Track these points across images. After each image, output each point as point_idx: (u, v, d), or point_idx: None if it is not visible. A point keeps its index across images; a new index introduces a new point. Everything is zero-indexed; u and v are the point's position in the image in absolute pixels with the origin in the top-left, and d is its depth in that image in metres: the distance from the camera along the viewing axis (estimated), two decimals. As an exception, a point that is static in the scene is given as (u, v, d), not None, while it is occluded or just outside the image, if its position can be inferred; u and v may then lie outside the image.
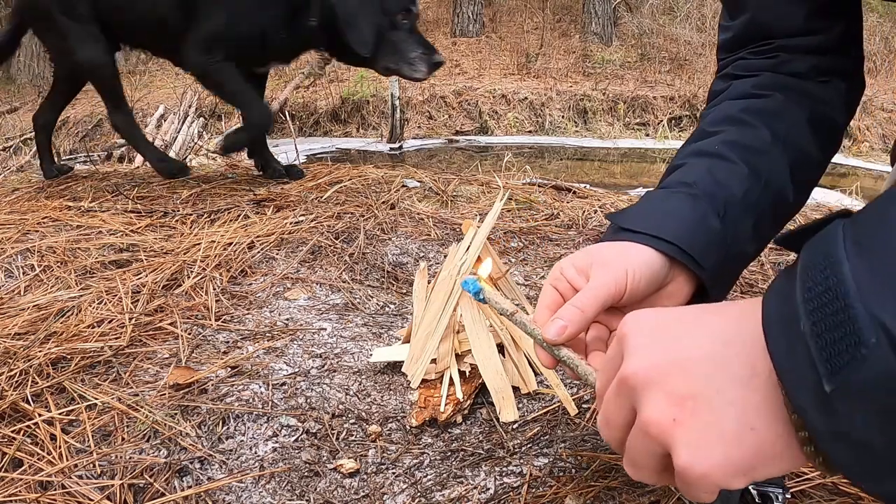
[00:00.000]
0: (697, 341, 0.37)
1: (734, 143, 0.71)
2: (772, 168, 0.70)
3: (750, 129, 0.72)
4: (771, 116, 0.73)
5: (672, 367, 0.37)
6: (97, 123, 8.45)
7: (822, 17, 0.76)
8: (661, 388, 0.36)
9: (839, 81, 0.78)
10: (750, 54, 0.81)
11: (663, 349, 0.38)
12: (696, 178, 0.67)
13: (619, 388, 0.39)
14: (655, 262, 0.60)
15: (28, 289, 1.44)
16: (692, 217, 0.63)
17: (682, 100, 9.06)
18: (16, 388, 1.06)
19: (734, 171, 0.68)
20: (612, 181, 7.00)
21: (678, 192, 0.66)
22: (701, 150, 0.72)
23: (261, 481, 0.91)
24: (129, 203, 2.03)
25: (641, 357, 0.38)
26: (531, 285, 1.54)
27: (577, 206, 2.10)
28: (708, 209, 0.64)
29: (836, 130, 0.79)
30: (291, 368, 1.17)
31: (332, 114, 8.90)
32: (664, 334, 0.39)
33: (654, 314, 0.42)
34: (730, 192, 0.66)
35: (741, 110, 0.75)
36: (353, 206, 1.97)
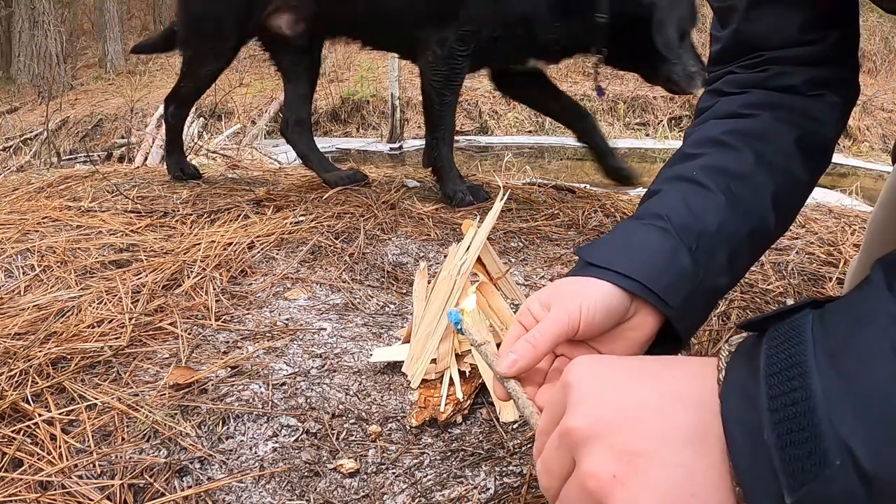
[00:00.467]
0: (647, 396, 0.37)
1: (714, 168, 0.69)
2: (753, 195, 0.68)
3: (732, 153, 0.70)
4: (756, 138, 0.71)
5: (619, 421, 0.36)
6: (97, 123, 8.45)
7: (818, 25, 0.73)
8: (605, 443, 0.35)
9: (833, 94, 0.75)
10: (739, 68, 0.78)
11: (610, 402, 0.37)
12: (668, 210, 0.65)
13: (561, 439, 0.38)
14: (613, 297, 0.59)
15: (28, 289, 1.44)
16: (660, 253, 0.61)
17: (682, 100, 9.06)
18: (16, 388, 1.06)
19: (710, 200, 0.66)
20: (612, 181, 6.99)
21: (649, 225, 0.64)
22: (679, 175, 0.70)
23: (261, 481, 0.91)
24: (129, 203, 2.03)
25: (586, 410, 0.37)
26: (531, 285, 1.54)
27: (577, 206, 2.10)
28: (678, 245, 0.62)
29: (825, 148, 0.76)
30: (291, 368, 1.17)
31: (332, 114, 8.91)
32: (612, 386, 0.38)
33: (603, 363, 0.41)
34: (704, 224, 0.64)
35: (725, 132, 0.72)
36: (353, 206, 1.97)
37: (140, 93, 8.70)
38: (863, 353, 0.30)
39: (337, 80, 9.62)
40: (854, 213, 2.13)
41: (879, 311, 0.31)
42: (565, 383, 0.41)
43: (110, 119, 8.46)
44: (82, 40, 13.44)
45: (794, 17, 0.73)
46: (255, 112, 8.33)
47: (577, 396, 0.39)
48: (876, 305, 0.31)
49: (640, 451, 0.34)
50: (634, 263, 0.60)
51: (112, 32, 11.75)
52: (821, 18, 0.72)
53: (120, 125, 8.12)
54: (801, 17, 0.72)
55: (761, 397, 0.31)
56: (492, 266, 1.27)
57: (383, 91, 8.71)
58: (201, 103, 7.44)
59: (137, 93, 8.51)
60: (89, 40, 13.40)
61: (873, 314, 0.31)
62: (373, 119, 8.88)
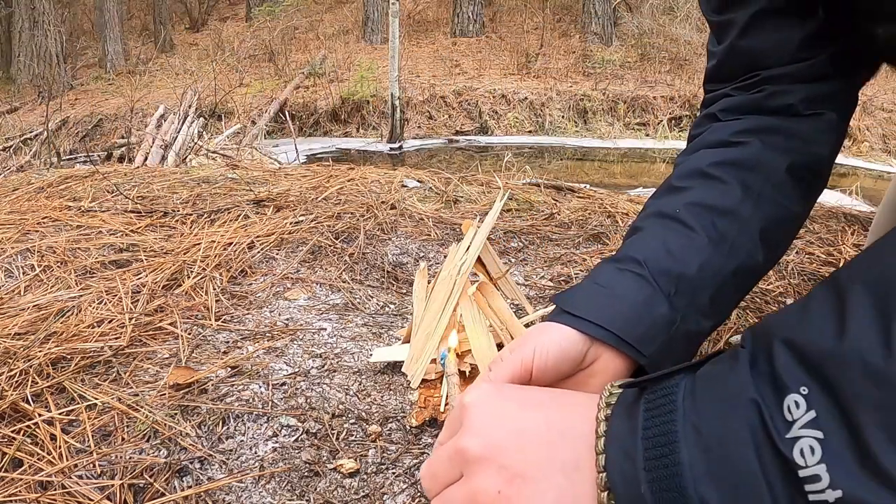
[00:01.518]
0: (534, 426, 0.41)
1: (698, 204, 0.67)
2: (739, 231, 0.66)
3: (719, 186, 0.68)
4: (745, 169, 0.69)
5: (507, 445, 0.40)
6: (97, 123, 8.45)
7: (817, 41, 0.70)
8: (495, 463, 0.40)
9: (831, 111, 0.72)
10: (735, 90, 0.75)
11: (501, 428, 0.41)
12: (647, 255, 0.64)
13: (454, 456, 0.42)
14: (569, 342, 0.58)
15: (28, 289, 1.44)
16: (635, 301, 0.61)
17: (682, 100, 9.06)
18: (16, 388, 1.06)
19: (692, 240, 0.65)
20: (612, 181, 7.00)
21: (625, 271, 0.63)
22: (662, 212, 0.69)
23: (261, 481, 0.91)
24: (129, 203, 2.03)
25: (479, 433, 0.41)
26: (531, 285, 1.54)
27: (577, 206, 2.10)
28: (654, 292, 0.61)
29: (819, 171, 0.74)
30: (291, 368, 1.17)
31: (332, 114, 8.91)
32: (504, 414, 0.42)
33: (499, 391, 0.45)
34: (684, 266, 0.63)
35: (712, 164, 0.70)
36: (353, 206, 1.97)
37: (140, 93, 8.70)
38: (723, 436, 0.34)
39: (337, 80, 9.62)
40: (854, 213, 2.13)
41: (741, 395, 0.35)
42: (462, 405, 0.45)
43: (110, 119, 8.46)
44: (82, 40, 13.44)
45: (793, 32, 0.70)
46: (255, 112, 8.33)
47: (472, 419, 0.43)
48: (738, 389, 0.35)
49: (523, 473, 0.39)
50: (608, 311, 0.59)
51: (112, 32, 11.75)
52: (821, 33, 0.70)
53: (120, 125, 8.12)
54: (802, 32, 0.70)
55: (639, 457, 0.36)
56: (492, 266, 1.27)
57: (383, 91, 8.71)
58: (201, 103, 7.44)
59: (137, 93, 8.51)
60: (89, 40, 13.41)
61: (734, 398, 0.35)
62: (373, 119, 8.88)
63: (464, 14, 11.72)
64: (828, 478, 0.31)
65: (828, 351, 0.33)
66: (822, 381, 0.33)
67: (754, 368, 0.35)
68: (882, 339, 0.31)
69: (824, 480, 0.31)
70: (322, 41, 11.61)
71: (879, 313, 0.32)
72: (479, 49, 11.20)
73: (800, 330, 0.35)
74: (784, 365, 0.34)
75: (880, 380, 0.31)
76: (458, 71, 10.27)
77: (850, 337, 0.32)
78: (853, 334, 0.32)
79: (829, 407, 0.32)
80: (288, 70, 10.24)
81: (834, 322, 0.34)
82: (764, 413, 0.34)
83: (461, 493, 0.41)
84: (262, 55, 11.08)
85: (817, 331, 0.34)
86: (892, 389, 0.30)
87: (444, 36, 11.98)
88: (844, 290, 0.35)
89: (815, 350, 0.33)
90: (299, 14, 12.81)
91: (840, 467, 0.31)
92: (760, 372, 0.35)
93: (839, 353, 0.32)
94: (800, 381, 0.33)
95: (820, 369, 0.33)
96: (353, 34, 12.12)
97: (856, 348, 0.32)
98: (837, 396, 0.32)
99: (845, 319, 0.33)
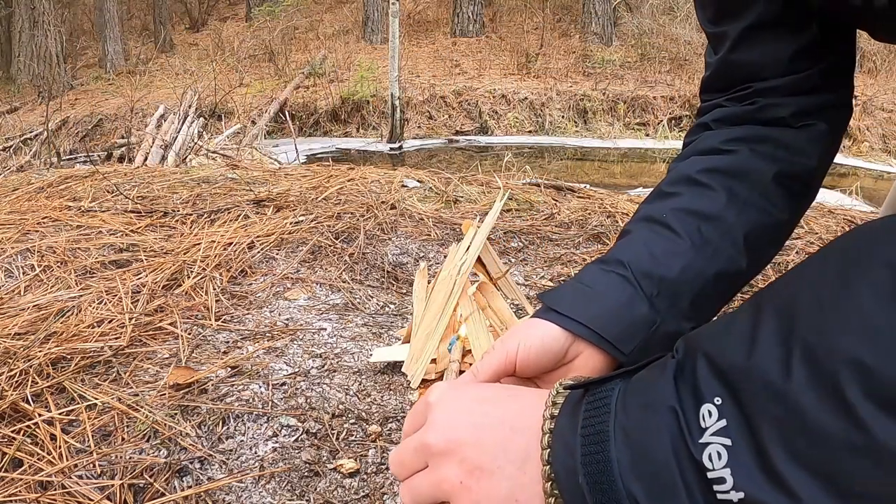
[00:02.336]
0: (490, 421, 0.46)
1: (684, 210, 0.70)
2: (722, 236, 0.69)
3: (705, 192, 0.71)
4: (731, 176, 0.72)
5: (465, 440, 0.46)
6: (97, 123, 8.45)
7: (810, 54, 0.72)
8: (456, 457, 0.46)
9: (822, 122, 0.74)
10: (729, 101, 0.77)
11: (461, 424, 0.47)
12: (631, 257, 0.67)
13: (420, 449, 0.48)
14: (552, 338, 0.61)
15: (28, 289, 1.44)
16: (617, 300, 0.64)
17: (682, 100, 9.06)
18: (16, 388, 1.06)
19: (676, 245, 0.68)
20: (612, 181, 7.00)
21: (609, 272, 0.67)
22: (651, 216, 0.72)
23: (261, 481, 0.91)
24: (129, 203, 2.03)
25: (442, 429, 0.47)
26: (531, 285, 1.54)
27: (577, 206, 2.10)
28: (636, 292, 0.64)
29: (808, 182, 0.75)
30: (291, 368, 1.17)
31: (332, 114, 8.91)
32: (463, 411, 0.48)
33: (460, 390, 0.50)
34: (666, 270, 0.66)
35: (701, 170, 0.73)
36: (353, 206, 1.97)
37: (140, 93, 8.70)
38: (646, 437, 0.39)
39: (337, 80, 9.62)
40: (854, 212, 2.13)
41: (663, 403, 0.39)
42: (427, 402, 0.50)
43: (110, 119, 8.46)
44: (82, 40, 13.44)
45: (786, 45, 0.71)
46: (255, 112, 8.33)
47: (435, 416, 0.48)
48: (661, 396, 0.40)
49: (481, 465, 0.45)
50: (590, 310, 0.63)
51: (112, 32, 11.75)
52: (814, 46, 0.71)
53: (120, 125, 8.12)
54: (793, 45, 0.71)
55: (577, 452, 0.41)
56: (492, 266, 1.27)
57: (383, 91, 8.71)
58: (201, 103, 7.45)
59: (137, 93, 8.51)
60: (89, 40, 13.41)
61: (657, 405, 0.40)
62: (373, 119, 8.88)
63: (464, 14, 11.72)
64: (732, 481, 0.35)
65: (739, 367, 0.37)
66: (733, 393, 0.37)
67: (679, 377, 0.40)
68: (782, 362, 0.35)
69: (729, 483, 0.35)
70: (322, 41, 11.61)
71: (782, 338, 0.36)
72: (479, 49, 11.20)
73: (720, 345, 0.39)
74: (703, 376, 0.38)
75: (779, 398, 0.35)
76: (458, 71, 10.27)
77: (757, 356, 0.37)
78: (760, 354, 0.37)
79: (737, 417, 0.36)
80: (288, 70, 10.24)
81: (747, 341, 0.38)
82: (681, 420, 0.38)
83: (427, 482, 0.47)
84: (262, 55, 11.08)
85: (733, 347, 0.38)
86: (788, 407, 0.34)
87: (444, 36, 11.98)
88: (760, 311, 0.39)
89: (729, 365, 0.38)
90: (299, 14, 12.81)
91: (743, 472, 0.35)
92: (685, 380, 0.39)
93: (747, 370, 0.37)
94: (715, 392, 0.38)
95: (732, 383, 0.37)
96: (353, 34, 12.12)
97: (760, 367, 0.36)
98: (745, 409, 0.36)
99: (756, 340, 0.37)
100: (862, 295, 0.34)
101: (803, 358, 0.35)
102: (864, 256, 0.35)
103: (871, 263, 0.34)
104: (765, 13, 0.71)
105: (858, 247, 0.36)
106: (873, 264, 0.34)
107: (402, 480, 0.50)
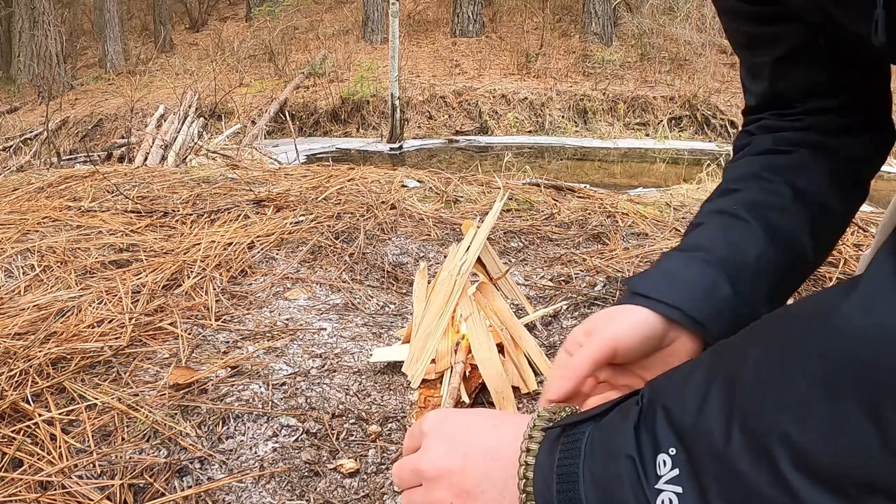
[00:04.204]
0: (474, 451, 0.52)
1: (753, 202, 0.73)
2: (791, 227, 0.72)
3: (770, 187, 0.74)
4: (791, 172, 0.75)
5: (453, 468, 0.52)
6: (97, 123, 8.45)
7: (846, 76, 0.75)
8: (447, 481, 0.52)
9: (866, 135, 0.78)
10: (773, 117, 0.81)
11: (450, 455, 0.53)
12: (711, 243, 0.71)
13: (414, 473, 0.54)
14: (651, 324, 0.64)
15: (28, 289, 1.44)
16: (702, 283, 0.67)
17: (682, 100, 9.06)
18: (16, 388, 1.06)
19: (750, 233, 0.71)
20: (612, 181, 7.00)
21: (692, 258, 0.70)
22: (720, 209, 0.75)
23: (261, 481, 0.91)
24: (129, 203, 2.03)
25: (433, 458, 0.53)
26: (531, 285, 1.54)
27: (577, 206, 2.10)
28: (719, 276, 0.67)
29: (860, 182, 0.79)
30: (291, 368, 1.17)
31: (332, 114, 8.91)
32: (452, 441, 0.53)
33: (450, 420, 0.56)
34: (744, 256, 0.69)
35: (762, 167, 0.77)
36: (353, 206, 1.97)
37: (140, 93, 8.70)
38: (609, 481, 0.44)
39: (337, 80, 9.62)
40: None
41: (622, 451, 0.44)
42: (422, 431, 0.56)
43: (110, 119, 8.46)
44: (82, 40, 13.44)
45: (822, 70, 0.75)
46: (255, 112, 8.33)
47: (427, 444, 0.54)
48: (621, 445, 0.44)
49: (468, 490, 0.51)
50: (677, 293, 0.65)
51: (112, 32, 11.75)
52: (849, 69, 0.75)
53: (120, 125, 8.12)
54: (828, 71, 0.75)
55: (553, 489, 0.46)
56: (492, 266, 1.27)
57: (383, 91, 8.71)
58: (201, 103, 7.44)
59: (137, 93, 8.51)
60: (89, 40, 13.40)
61: (618, 452, 0.44)
62: (373, 119, 8.88)
63: (464, 14, 11.72)
64: None
65: (689, 425, 0.42)
66: (685, 447, 0.41)
67: (642, 425, 0.44)
68: (724, 426, 0.40)
69: None
70: (322, 41, 11.61)
71: (726, 404, 0.40)
72: (479, 49, 11.20)
73: (677, 400, 0.43)
74: (661, 428, 0.43)
75: (720, 460, 0.39)
76: (458, 71, 10.27)
77: (704, 417, 0.41)
78: (706, 416, 0.41)
79: (687, 469, 0.41)
80: (288, 70, 10.24)
81: (699, 401, 0.42)
82: (638, 468, 0.43)
83: (423, 499, 0.54)
84: (262, 55, 11.08)
85: (687, 405, 0.42)
86: (728, 469, 0.39)
87: (444, 36, 11.98)
88: (713, 373, 0.43)
89: (681, 421, 0.42)
90: (299, 14, 12.81)
91: None
92: (647, 428, 0.44)
93: (696, 429, 0.41)
94: (670, 443, 0.42)
95: (683, 438, 0.42)
96: (353, 34, 12.11)
97: (706, 428, 0.41)
98: (693, 462, 0.41)
99: (706, 401, 0.42)
100: (797, 379, 0.38)
101: (742, 427, 0.39)
102: (801, 344, 0.39)
103: (806, 352, 0.38)
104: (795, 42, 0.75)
105: (800, 333, 0.40)
106: (807, 353, 0.38)
107: (400, 488, 0.57)
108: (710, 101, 8.91)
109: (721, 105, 8.86)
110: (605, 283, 1.53)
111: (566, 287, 1.52)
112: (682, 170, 7.27)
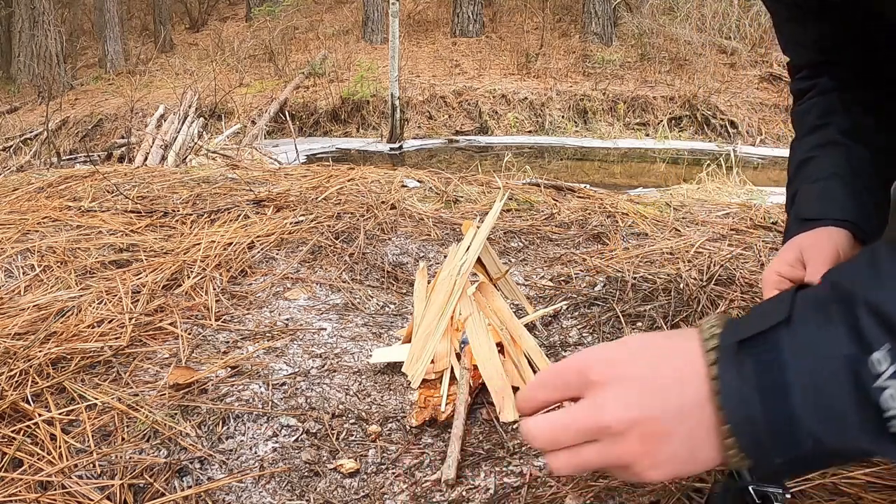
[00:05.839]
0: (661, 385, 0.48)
1: (849, 130, 0.90)
2: (886, 147, 0.87)
3: (854, 117, 0.90)
4: (865, 106, 0.91)
5: (652, 414, 0.48)
6: (97, 123, 8.45)
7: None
8: (640, 429, 0.48)
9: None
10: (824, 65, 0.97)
11: (643, 399, 0.48)
12: (837, 168, 0.87)
13: (597, 431, 0.49)
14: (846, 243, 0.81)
15: (28, 289, 1.44)
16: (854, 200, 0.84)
17: (682, 100, 9.06)
18: (16, 388, 1.06)
19: (861, 155, 0.87)
20: (612, 181, 7.00)
21: (833, 182, 0.87)
22: (826, 141, 0.92)
23: (261, 481, 0.91)
24: (129, 203, 2.03)
25: (625, 406, 0.48)
26: (531, 285, 1.54)
27: (577, 206, 2.10)
28: (861, 189, 0.84)
29: None
30: (291, 368, 1.17)
31: (332, 114, 8.91)
32: (634, 389, 0.48)
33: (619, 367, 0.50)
34: (866, 172, 0.86)
35: (840, 102, 0.92)
36: (353, 206, 1.97)
37: (140, 93, 8.70)
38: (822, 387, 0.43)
39: (337, 80, 9.62)
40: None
41: (838, 353, 0.43)
42: (588, 381, 0.50)
43: (110, 119, 8.46)
44: (82, 40, 13.44)
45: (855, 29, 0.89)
46: (255, 112, 8.33)
47: (605, 397, 0.49)
48: (830, 346, 0.43)
49: (661, 432, 0.47)
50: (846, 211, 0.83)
51: (112, 32, 11.75)
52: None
53: (120, 125, 8.12)
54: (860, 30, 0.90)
55: (756, 405, 0.44)
56: (492, 266, 1.27)
57: (383, 91, 8.71)
58: (201, 103, 7.45)
59: (137, 93, 8.51)
60: (89, 40, 13.40)
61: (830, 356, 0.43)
62: (373, 119, 8.88)
63: (464, 14, 11.72)
64: None
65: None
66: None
67: (845, 322, 0.43)
68: None
69: None
70: (322, 41, 11.61)
71: None
72: (479, 49, 11.19)
73: (876, 292, 0.42)
74: (867, 326, 0.42)
75: None
76: (458, 71, 10.27)
77: None
78: None
79: None
80: (288, 70, 10.24)
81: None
82: (854, 368, 0.42)
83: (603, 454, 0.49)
84: (262, 55, 11.08)
85: (891, 294, 0.42)
86: None
87: (444, 36, 11.98)
88: None
89: (889, 315, 0.41)
90: (299, 14, 12.81)
91: None
92: (851, 325, 0.43)
93: None
94: (882, 340, 0.41)
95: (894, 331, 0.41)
96: (353, 34, 12.11)
97: None
98: None
99: None
100: None
101: None
102: None
103: None
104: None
105: None
106: None
107: (549, 452, 0.51)
108: (710, 101, 8.91)
109: (721, 105, 8.86)
110: (605, 283, 1.53)
111: (566, 287, 1.52)
112: (682, 170, 7.27)
